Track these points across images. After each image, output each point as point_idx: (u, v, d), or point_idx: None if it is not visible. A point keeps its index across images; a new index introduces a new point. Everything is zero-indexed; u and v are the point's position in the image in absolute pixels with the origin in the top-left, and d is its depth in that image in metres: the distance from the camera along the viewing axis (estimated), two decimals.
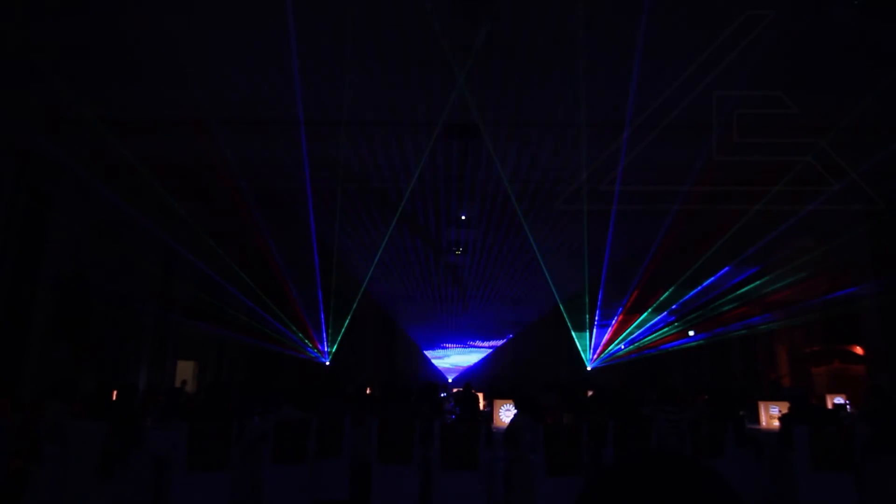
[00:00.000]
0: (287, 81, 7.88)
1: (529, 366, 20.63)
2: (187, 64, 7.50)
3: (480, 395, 10.35)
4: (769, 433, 7.73)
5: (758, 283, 14.36)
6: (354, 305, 17.92)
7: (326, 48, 7.16)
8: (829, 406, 9.45)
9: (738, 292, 14.93)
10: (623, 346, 18.62)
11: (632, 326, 18.08)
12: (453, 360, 22.34)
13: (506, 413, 8.01)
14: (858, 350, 12.34)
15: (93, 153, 9.89)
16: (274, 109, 8.61)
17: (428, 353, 22.30)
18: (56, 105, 8.46)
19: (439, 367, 22.27)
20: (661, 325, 17.71)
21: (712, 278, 14.76)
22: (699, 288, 15.14)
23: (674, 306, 16.64)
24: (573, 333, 18.42)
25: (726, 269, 14.12)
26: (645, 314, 17.66)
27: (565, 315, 17.19)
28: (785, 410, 8.21)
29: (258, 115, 8.77)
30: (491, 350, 22.21)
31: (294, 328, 17.82)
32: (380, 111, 8.65)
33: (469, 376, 20.90)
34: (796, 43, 6.85)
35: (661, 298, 16.52)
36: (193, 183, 11.20)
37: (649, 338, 17.93)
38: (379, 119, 8.81)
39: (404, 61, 7.39)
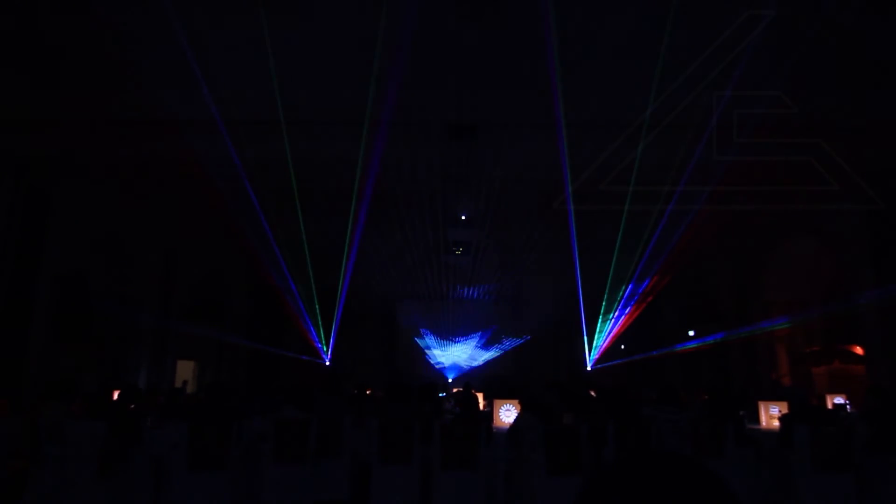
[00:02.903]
0: (287, 81, 7.88)
1: (530, 366, 20.63)
2: (186, 64, 7.50)
3: (480, 396, 10.34)
4: (769, 433, 7.72)
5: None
6: (353, 306, 17.93)
7: (327, 48, 7.16)
8: (829, 406, 9.45)
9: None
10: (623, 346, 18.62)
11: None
12: (454, 357, 22.32)
13: (506, 413, 8.01)
14: (858, 350, 12.34)
15: (93, 153, 9.90)
16: (275, 109, 8.61)
17: (428, 351, 22.30)
18: (56, 105, 8.46)
19: (439, 366, 22.23)
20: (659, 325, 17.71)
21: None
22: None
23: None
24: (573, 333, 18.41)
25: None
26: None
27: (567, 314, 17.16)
28: (785, 410, 8.20)
29: (258, 114, 8.77)
30: (494, 354, 22.21)
31: (294, 328, 17.83)
32: (380, 111, 8.65)
33: (470, 375, 20.90)
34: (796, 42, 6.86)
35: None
36: (193, 183, 11.19)
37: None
38: (379, 119, 8.81)
39: (405, 61, 7.40)
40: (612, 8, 6.43)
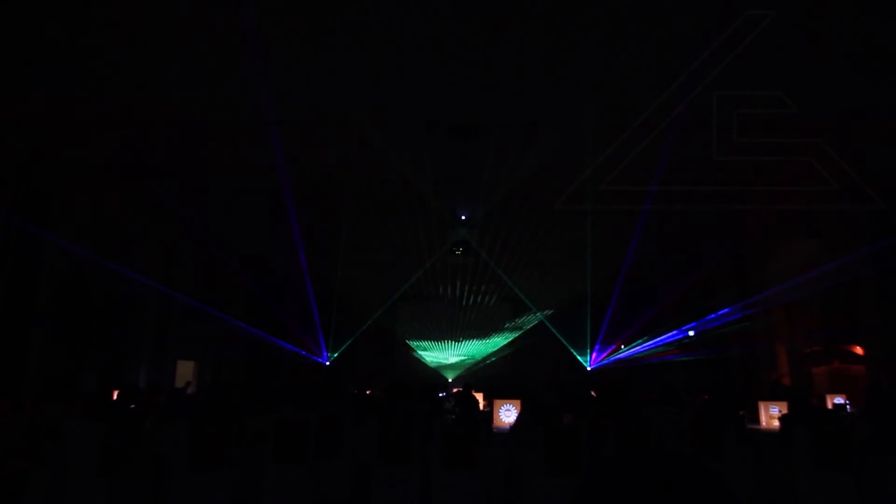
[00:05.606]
0: (287, 81, 7.87)
1: (529, 366, 20.61)
2: (185, 63, 7.50)
3: (480, 396, 10.33)
4: (769, 433, 7.72)
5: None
6: (354, 306, 17.93)
7: (327, 48, 7.15)
8: (829, 406, 9.45)
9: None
10: (623, 347, 18.63)
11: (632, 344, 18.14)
12: (454, 357, 22.31)
13: (506, 413, 8.01)
14: (858, 350, 12.33)
15: (92, 153, 9.89)
16: (275, 110, 8.60)
17: (427, 351, 22.28)
18: (56, 105, 8.46)
19: (438, 367, 22.21)
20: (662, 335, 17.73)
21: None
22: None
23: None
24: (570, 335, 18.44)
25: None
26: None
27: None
28: (785, 410, 8.20)
29: (259, 115, 8.76)
30: (493, 352, 22.19)
31: (295, 329, 17.83)
32: (380, 111, 8.64)
33: (471, 375, 20.88)
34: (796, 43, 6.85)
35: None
36: (194, 183, 11.19)
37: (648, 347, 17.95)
38: (379, 119, 8.80)
39: (405, 61, 7.39)
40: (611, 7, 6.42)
